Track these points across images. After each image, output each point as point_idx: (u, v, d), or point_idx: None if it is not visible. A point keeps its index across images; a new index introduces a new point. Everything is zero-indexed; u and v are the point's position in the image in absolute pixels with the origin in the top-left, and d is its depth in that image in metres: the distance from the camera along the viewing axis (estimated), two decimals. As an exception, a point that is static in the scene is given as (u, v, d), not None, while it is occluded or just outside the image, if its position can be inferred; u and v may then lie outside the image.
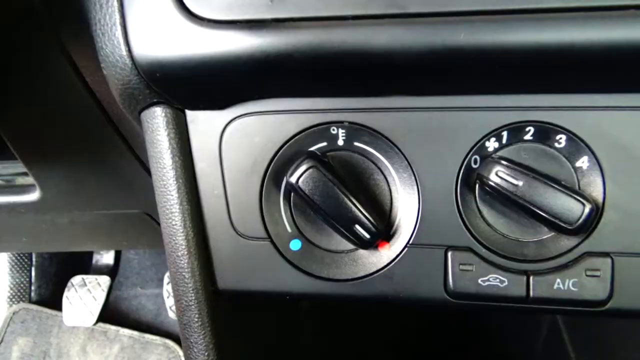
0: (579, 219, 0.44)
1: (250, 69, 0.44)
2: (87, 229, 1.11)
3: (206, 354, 0.52)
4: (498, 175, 0.46)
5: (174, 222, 0.51)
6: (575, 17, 0.39)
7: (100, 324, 1.84)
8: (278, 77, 0.45)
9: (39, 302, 1.89)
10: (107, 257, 1.98)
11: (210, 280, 0.52)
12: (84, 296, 1.86)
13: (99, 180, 0.86)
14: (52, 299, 1.90)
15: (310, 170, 0.47)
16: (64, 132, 0.70)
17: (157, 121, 0.50)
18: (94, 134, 0.71)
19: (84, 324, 1.82)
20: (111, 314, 1.88)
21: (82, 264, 1.98)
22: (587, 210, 0.44)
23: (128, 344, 1.82)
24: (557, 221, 0.44)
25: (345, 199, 0.47)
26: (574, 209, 0.44)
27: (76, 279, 1.90)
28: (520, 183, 0.45)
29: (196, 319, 0.51)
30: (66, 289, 1.88)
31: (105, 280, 1.90)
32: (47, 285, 1.94)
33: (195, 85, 0.47)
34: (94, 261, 1.99)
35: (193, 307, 0.51)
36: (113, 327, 1.86)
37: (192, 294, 0.51)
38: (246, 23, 0.43)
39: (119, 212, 1.00)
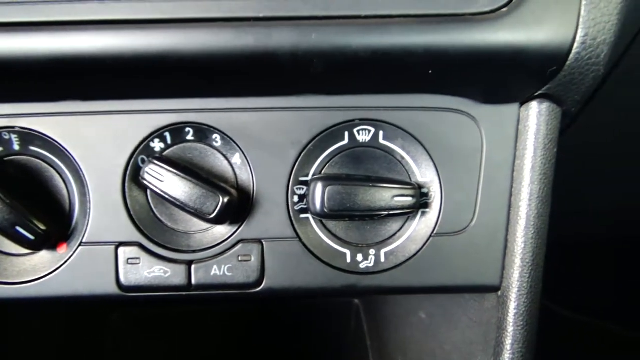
0: (215, 209, 0.48)
1: None
2: None
3: None
4: (148, 174, 0.49)
5: None
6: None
7: None
8: None
9: None
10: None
11: None
12: None
13: None
14: None
15: (-35, 175, 0.48)
16: None
17: None
18: None
19: None
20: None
21: None
22: (223, 200, 0.48)
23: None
24: (198, 212, 0.49)
25: (3, 202, 0.48)
26: (211, 201, 0.48)
27: None
28: (164, 180, 0.49)
29: None
30: None
31: None
32: None
33: None
34: None
35: None
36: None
37: None
38: None
39: None
